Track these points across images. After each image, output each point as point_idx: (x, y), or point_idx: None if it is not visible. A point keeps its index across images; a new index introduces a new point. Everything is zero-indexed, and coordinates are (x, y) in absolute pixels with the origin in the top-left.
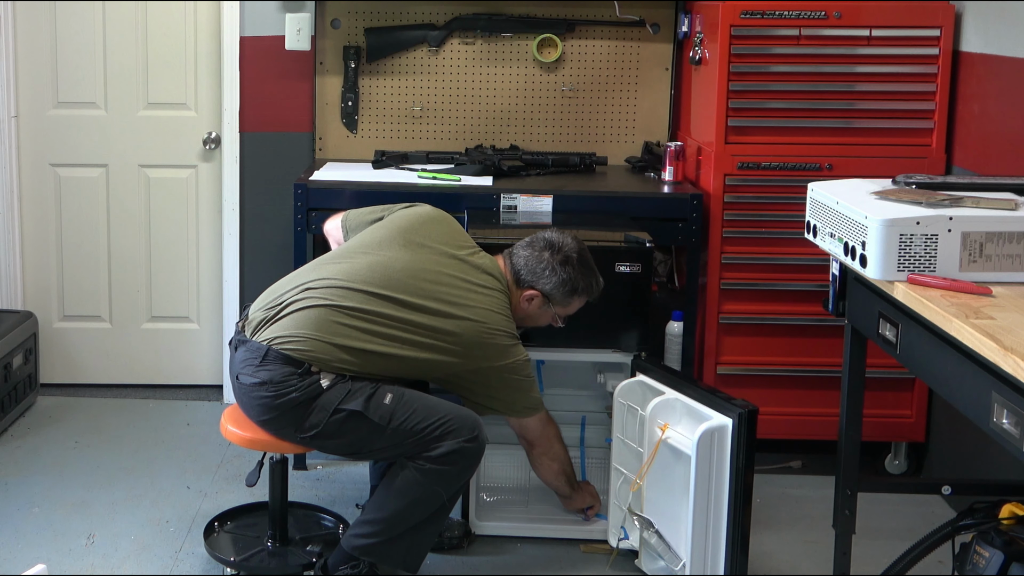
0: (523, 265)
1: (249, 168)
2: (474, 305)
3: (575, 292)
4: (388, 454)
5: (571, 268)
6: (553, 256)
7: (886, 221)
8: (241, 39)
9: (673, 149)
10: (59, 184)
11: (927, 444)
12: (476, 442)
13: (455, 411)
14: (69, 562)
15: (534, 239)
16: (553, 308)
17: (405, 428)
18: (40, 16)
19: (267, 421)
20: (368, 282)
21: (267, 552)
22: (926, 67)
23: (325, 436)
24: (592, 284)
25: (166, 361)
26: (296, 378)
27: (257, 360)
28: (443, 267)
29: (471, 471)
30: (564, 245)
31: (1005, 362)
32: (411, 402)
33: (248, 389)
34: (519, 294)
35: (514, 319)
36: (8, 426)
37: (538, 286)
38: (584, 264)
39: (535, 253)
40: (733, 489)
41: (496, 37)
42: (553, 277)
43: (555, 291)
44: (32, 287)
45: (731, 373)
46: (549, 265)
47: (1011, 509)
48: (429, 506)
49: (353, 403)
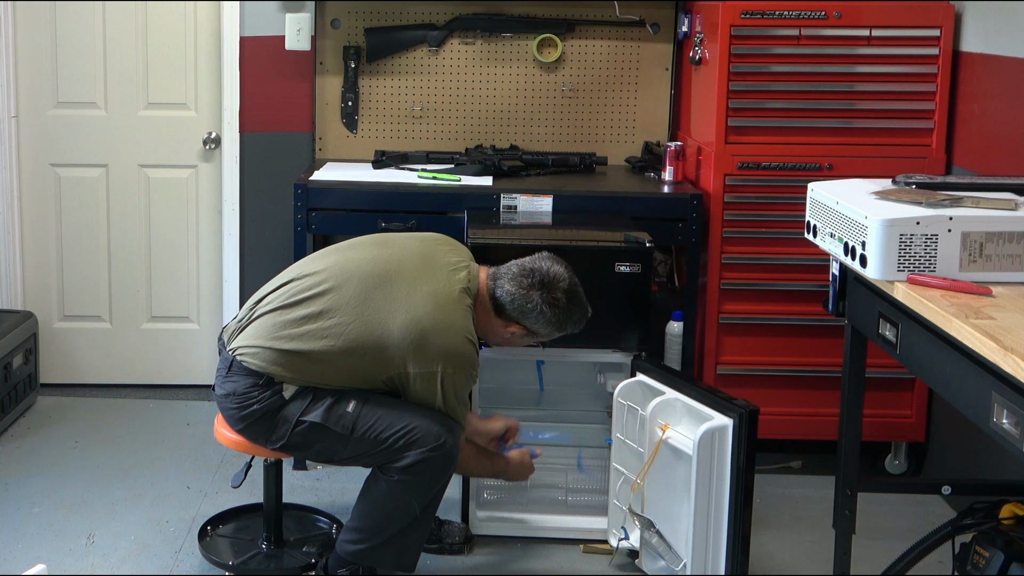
0: (508, 301)
1: (249, 168)
2: (426, 300)
3: (561, 330)
4: (361, 462)
5: (559, 310)
6: (543, 297)
7: (886, 221)
8: (241, 39)
9: (673, 149)
10: (59, 184)
11: (927, 444)
12: (441, 450)
13: (420, 419)
14: (69, 562)
15: (522, 271)
16: (535, 338)
17: (369, 438)
18: (40, 16)
19: (240, 431)
20: (324, 280)
21: (263, 555)
22: (926, 67)
23: (292, 447)
24: (580, 319)
25: (166, 361)
26: (257, 390)
27: (224, 371)
28: (406, 264)
29: (441, 479)
30: (554, 283)
31: (1005, 362)
32: (374, 410)
33: (218, 400)
34: (500, 323)
35: (489, 338)
36: (8, 426)
37: (524, 323)
38: (573, 301)
39: (523, 292)
40: (734, 489)
41: (496, 37)
42: (541, 318)
43: (541, 329)
44: (32, 287)
45: (731, 373)
46: (538, 306)
47: (1011, 509)
48: (406, 514)
49: (313, 414)
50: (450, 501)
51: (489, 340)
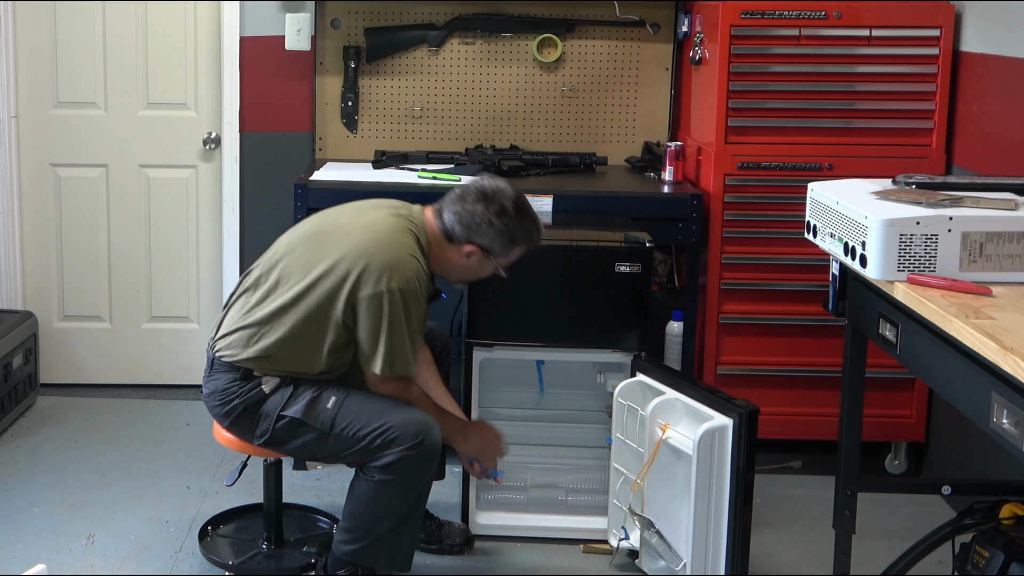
0: (455, 221)
1: (249, 168)
2: (364, 228)
3: (515, 242)
4: (342, 460)
5: (508, 219)
6: (488, 208)
7: (886, 221)
8: (241, 39)
9: (673, 149)
10: (59, 184)
11: (927, 444)
12: (419, 448)
13: (398, 416)
14: (69, 562)
15: (465, 191)
16: (494, 260)
17: (347, 435)
18: (40, 16)
19: (227, 428)
20: (275, 254)
21: (263, 555)
22: (926, 67)
23: (276, 443)
24: (532, 231)
25: (166, 361)
26: (236, 385)
27: (208, 370)
28: (346, 215)
29: (421, 477)
30: (498, 194)
31: (1005, 362)
32: (353, 406)
33: (204, 400)
34: (455, 250)
35: (448, 271)
36: (8, 426)
37: (475, 240)
38: (521, 211)
39: (467, 207)
40: (734, 489)
41: (496, 37)
42: (491, 230)
43: (494, 244)
44: (32, 287)
45: (731, 373)
46: (485, 219)
47: (1011, 509)
48: (393, 514)
49: (293, 409)
50: (450, 502)
51: (450, 274)
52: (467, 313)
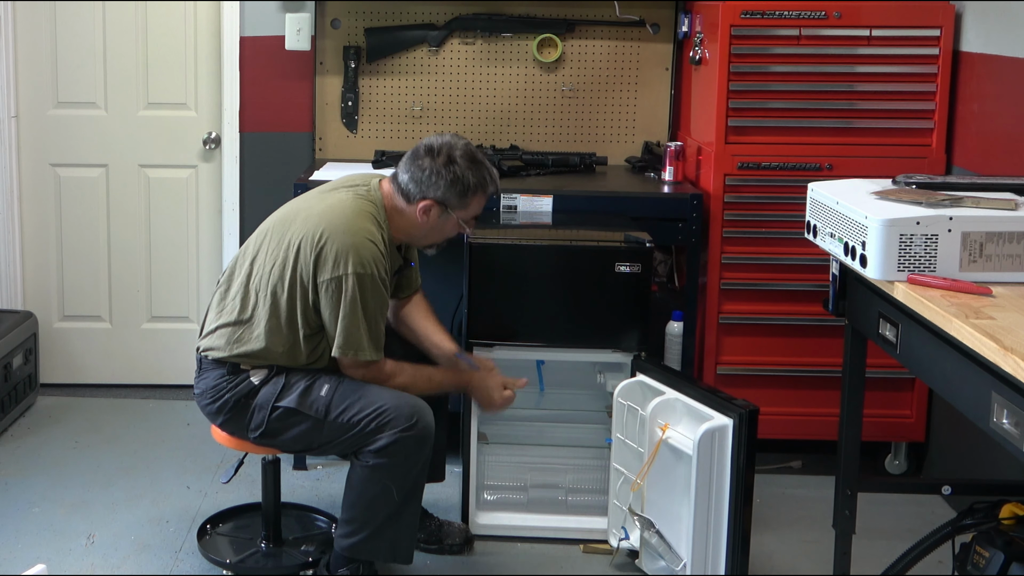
0: (407, 181)
1: (249, 168)
2: (323, 213)
3: (468, 191)
4: (337, 450)
5: (456, 167)
6: (435, 160)
7: (886, 221)
8: (241, 39)
9: (673, 149)
10: (59, 184)
11: (927, 444)
12: (414, 430)
13: (392, 400)
14: (69, 562)
15: (415, 150)
16: (453, 214)
17: (342, 421)
18: (40, 16)
19: (221, 426)
20: (248, 248)
21: (262, 553)
22: (926, 67)
23: (271, 435)
24: (485, 177)
25: (166, 361)
26: (225, 380)
27: (197, 372)
28: (308, 199)
29: (416, 460)
30: (444, 145)
31: (1005, 362)
32: (347, 393)
33: (197, 401)
34: (412, 210)
35: (414, 236)
36: (8, 426)
37: (429, 195)
38: (470, 159)
39: (416, 164)
40: (734, 489)
41: (496, 37)
42: (442, 182)
43: (448, 195)
44: (32, 287)
45: (731, 373)
46: (434, 171)
47: (1011, 509)
48: (387, 501)
49: (287, 399)
50: (450, 502)
51: (416, 239)
52: (467, 313)
